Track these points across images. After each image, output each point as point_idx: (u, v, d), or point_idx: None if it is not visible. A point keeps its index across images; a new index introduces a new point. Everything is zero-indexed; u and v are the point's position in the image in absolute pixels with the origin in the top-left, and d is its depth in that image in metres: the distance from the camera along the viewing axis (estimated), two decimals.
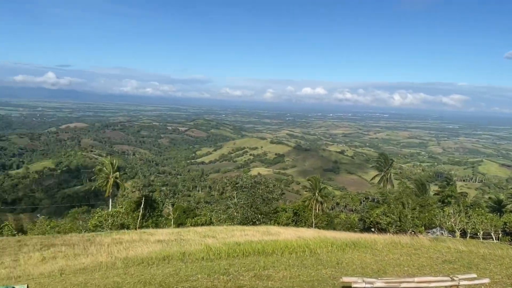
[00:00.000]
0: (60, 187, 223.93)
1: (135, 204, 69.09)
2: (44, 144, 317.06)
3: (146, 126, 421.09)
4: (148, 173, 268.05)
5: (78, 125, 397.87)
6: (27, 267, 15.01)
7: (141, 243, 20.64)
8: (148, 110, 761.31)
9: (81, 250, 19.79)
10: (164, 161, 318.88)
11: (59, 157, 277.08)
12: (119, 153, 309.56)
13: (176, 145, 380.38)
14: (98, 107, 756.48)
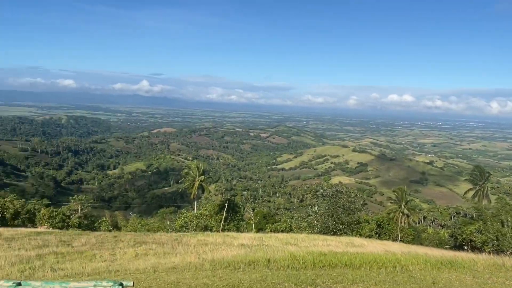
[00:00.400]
0: (150, 187, 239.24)
1: (218, 207, 71.40)
2: (137, 147, 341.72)
3: (230, 132, 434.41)
4: (231, 178, 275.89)
5: (167, 130, 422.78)
6: (123, 262, 16.07)
7: (225, 246, 21.11)
8: (232, 116, 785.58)
9: (169, 249, 20.74)
10: (245, 166, 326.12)
11: (150, 159, 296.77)
12: (204, 157, 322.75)
13: (257, 151, 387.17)
14: (186, 113, 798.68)
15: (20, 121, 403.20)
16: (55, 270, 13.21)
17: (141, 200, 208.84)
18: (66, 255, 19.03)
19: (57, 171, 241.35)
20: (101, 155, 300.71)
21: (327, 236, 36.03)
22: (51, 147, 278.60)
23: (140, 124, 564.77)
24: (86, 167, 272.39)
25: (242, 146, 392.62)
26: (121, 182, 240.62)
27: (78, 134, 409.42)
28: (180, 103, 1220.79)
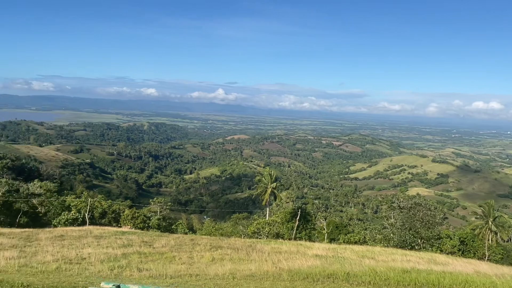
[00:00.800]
0: (224, 192, 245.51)
1: (290, 215, 71.14)
2: (212, 153, 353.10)
3: (302, 140, 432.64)
4: (302, 185, 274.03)
5: (241, 137, 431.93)
6: (200, 265, 16.55)
7: (299, 255, 20.89)
8: (304, 124, 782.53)
9: (244, 255, 20.99)
10: (317, 175, 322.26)
11: (224, 165, 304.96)
12: (276, 164, 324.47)
13: (329, 159, 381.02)
14: (259, 121, 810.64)
15: (108, 127, 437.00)
16: (141, 270, 13.97)
17: (215, 204, 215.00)
18: (148, 255, 20.04)
19: (139, 174, 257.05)
20: (179, 160, 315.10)
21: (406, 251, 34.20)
22: (134, 152, 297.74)
23: (215, 131, 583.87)
24: (165, 171, 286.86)
25: (313, 154, 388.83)
26: (196, 187, 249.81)
27: (158, 140, 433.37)
28: (253, 111, 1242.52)
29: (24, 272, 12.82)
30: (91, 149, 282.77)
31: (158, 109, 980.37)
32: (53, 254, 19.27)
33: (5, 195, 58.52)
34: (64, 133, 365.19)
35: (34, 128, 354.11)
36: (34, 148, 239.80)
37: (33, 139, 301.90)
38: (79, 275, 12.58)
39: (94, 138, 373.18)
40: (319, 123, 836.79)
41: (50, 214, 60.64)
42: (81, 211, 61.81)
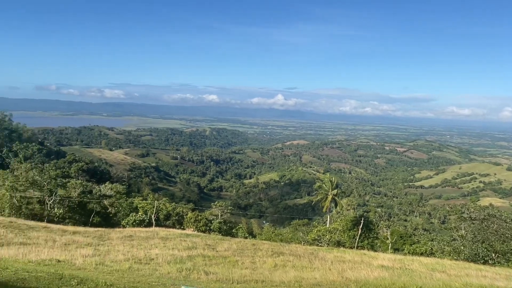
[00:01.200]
0: (283, 198, 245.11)
1: (351, 222, 69.36)
2: (272, 158, 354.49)
3: (363, 146, 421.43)
4: (363, 193, 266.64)
5: (300, 143, 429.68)
6: (263, 271, 16.58)
7: (363, 265, 20.25)
8: (366, 129, 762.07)
9: (306, 262, 20.73)
10: (380, 182, 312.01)
11: (283, 170, 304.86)
12: (336, 170, 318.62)
13: (393, 166, 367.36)
14: (318, 126, 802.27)
15: (172, 132, 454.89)
16: (207, 273, 14.29)
17: (274, 209, 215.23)
18: (212, 258, 20.45)
19: (200, 178, 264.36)
20: (239, 165, 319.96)
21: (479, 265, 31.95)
22: (196, 156, 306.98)
23: (275, 136, 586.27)
24: (225, 175, 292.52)
25: (376, 161, 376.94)
26: (256, 191, 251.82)
27: (219, 145, 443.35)
28: (312, 116, 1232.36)
29: (101, 270, 13.61)
30: (156, 153, 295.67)
31: (219, 115, 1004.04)
32: (124, 254, 20.29)
33: (80, 196, 62.82)
34: (132, 138, 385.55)
35: (105, 133, 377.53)
36: (105, 152, 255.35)
37: (104, 143, 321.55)
38: (150, 275, 13.12)
39: (159, 143, 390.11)
40: (382, 128, 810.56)
41: (120, 215, 64.10)
42: (147, 212, 64.71)
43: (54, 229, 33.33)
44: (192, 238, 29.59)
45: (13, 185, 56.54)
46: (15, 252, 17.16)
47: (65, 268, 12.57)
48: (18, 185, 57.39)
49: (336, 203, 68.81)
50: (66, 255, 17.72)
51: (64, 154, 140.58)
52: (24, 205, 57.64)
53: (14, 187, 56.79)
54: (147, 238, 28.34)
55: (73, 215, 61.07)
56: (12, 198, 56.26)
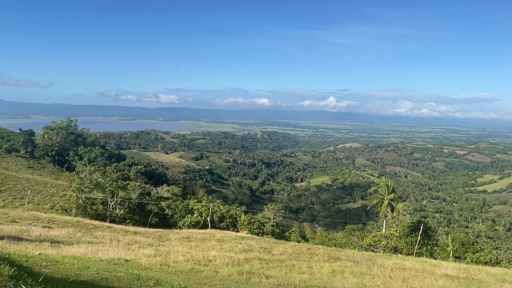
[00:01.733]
0: (335, 202, 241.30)
1: (409, 228, 66.86)
2: (323, 162, 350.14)
3: (420, 148, 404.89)
4: (420, 197, 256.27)
5: (353, 145, 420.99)
6: (322, 276, 16.41)
7: (425, 274, 19.44)
8: (423, 131, 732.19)
9: (365, 268, 20.26)
10: (438, 186, 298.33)
11: (335, 174, 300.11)
12: (391, 174, 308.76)
13: (452, 169, 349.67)
14: (372, 129, 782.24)
15: (225, 136, 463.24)
16: (268, 277, 14.38)
17: (326, 213, 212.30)
18: (268, 262, 20.54)
19: (252, 181, 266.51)
20: (290, 168, 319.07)
21: None
22: (248, 159, 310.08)
23: (326, 139, 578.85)
24: (276, 178, 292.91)
25: (434, 164, 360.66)
26: (307, 195, 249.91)
27: (271, 148, 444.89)
28: (366, 118, 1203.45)
29: (166, 271, 14.13)
30: (209, 156, 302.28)
31: (270, 118, 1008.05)
32: (183, 255, 20.91)
33: (139, 197, 65.60)
34: (186, 142, 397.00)
35: (161, 137, 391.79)
36: (161, 155, 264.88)
37: (160, 147, 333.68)
38: (213, 277, 13.41)
39: (212, 146, 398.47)
40: (440, 130, 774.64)
41: (176, 216, 66.14)
42: (202, 214, 66.25)
43: (117, 229, 35.03)
44: (247, 241, 29.90)
45: (79, 187, 60.18)
46: (84, 250, 18.26)
47: (134, 268, 13.18)
48: (83, 186, 61.01)
49: (392, 208, 66.60)
50: (130, 254, 18.58)
51: (124, 157, 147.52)
52: (89, 206, 61.10)
53: (80, 189, 60.42)
54: (204, 240, 29.01)
55: (133, 215, 63.85)
56: (78, 199, 59.87)
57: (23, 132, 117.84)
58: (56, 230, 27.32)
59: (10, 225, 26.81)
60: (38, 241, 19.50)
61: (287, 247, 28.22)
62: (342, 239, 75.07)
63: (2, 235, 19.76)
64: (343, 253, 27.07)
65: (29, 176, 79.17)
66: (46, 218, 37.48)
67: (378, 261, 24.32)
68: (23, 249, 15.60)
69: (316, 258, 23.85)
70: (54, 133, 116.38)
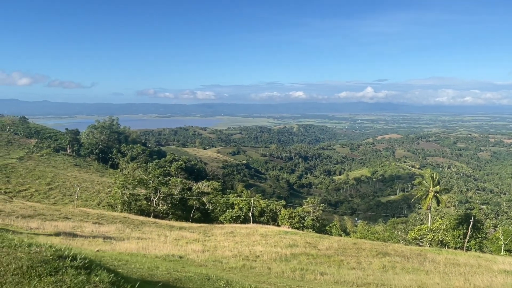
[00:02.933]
0: (375, 194, 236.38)
1: (456, 221, 64.51)
2: (362, 154, 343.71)
3: (464, 138, 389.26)
4: (465, 189, 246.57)
5: (392, 136, 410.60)
6: (375, 273, 15.99)
7: (482, 269, 18.57)
8: (466, 120, 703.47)
9: (416, 264, 19.63)
10: (484, 177, 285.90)
11: (374, 166, 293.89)
12: (433, 165, 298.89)
13: (499, 159, 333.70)
14: (412, 119, 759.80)
15: (261, 130, 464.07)
16: (322, 274, 14.16)
17: (366, 206, 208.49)
18: (316, 257, 20.31)
19: (289, 175, 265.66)
20: (328, 161, 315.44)
21: None
22: (285, 153, 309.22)
23: (365, 130, 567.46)
24: (314, 172, 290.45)
25: (479, 154, 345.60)
26: (346, 188, 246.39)
27: (307, 141, 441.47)
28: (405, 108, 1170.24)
29: (220, 267, 14.22)
30: (246, 151, 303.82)
31: (306, 111, 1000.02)
32: (230, 250, 21.05)
33: (181, 193, 66.90)
34: (223, 137, 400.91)
35: (199, 133, 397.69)
36: (199, 150, 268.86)
37: (198, 143, 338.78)
38: (268, 275, 13.34)
39: (249, 141, 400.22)
40: (485, 118, 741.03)
41: (217, 211, 67.01)
42: (242, 209, 66.75)
43: (162, 224, 35.83)
44: (291, 236, 29.77)
45: (123, 184, 62.10)
46: (135, 246, 18.73)
47: (189, 265, 13.36)
48: (127, 183, 62.91)
49: (438, 201, 64.37)
50: (180, 250, 18.89)
51: (164, 153, 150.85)
52: (133, 202, 62.98)
53: (124, 185, 62.34)
54: (248, 235, 29.13)
55: (175, 210, 65.24)
56: (123, 195, 61.81)
57: (69, 132, 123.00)
58: (106, 226, 28.26)
59: (64, 221, 27.99)
60: (92, 237, 20.20)
61: (332, 241, 27.85)
62: (385, 232, 73.45)
63: (58, 231, 20.65)
64: (391, 248, 26.38)
65: (76, 174, 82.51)
66: (95, 215, 38.89)
67: (429, 256, 23.52)
68: (79, 245, 16.17)
69: (364, 253, 23.35)
70: (98, 131, 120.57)
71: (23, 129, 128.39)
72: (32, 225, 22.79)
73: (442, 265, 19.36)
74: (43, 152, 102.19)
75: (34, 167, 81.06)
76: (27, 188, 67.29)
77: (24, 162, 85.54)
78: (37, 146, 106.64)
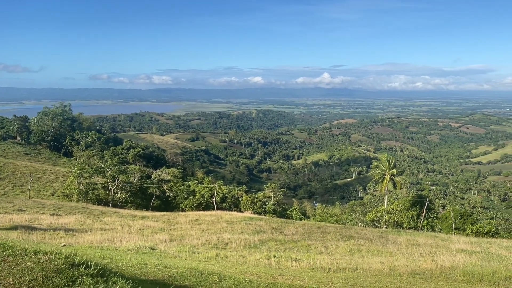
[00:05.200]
0: (332, 178, 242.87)
1: (409, 202, 67.58)
2: (319, 138, 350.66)
3: (415, 122, 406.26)
4: (416, 171, 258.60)
5: (348, 121, 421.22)
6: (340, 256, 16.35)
7: (441, 249, 19.50)
8: (417, 105, 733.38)
9: (380, 246, 20.30)
10: (433, 159, 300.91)
11: (331, 150, 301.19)
12: (387, 149, 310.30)
13: (447, 142, 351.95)
14: (367, 104, 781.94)
15: (220, 116, 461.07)
16: (298, 260, 14.25)
17: (323, 189, 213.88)
18: (284, 243, 20.51)
19: (249, 160, 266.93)
20: (286, 146, 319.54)
21: None
22: (244, 139, 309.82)
23: (322, 116, 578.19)
24: (273, 157, 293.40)
25: (429, 137, 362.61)
26: (304, 172, 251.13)
27: (266, 127, 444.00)
28: (360, 94, 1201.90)
29: (196, 258, 13.88)
30: (205, 137, 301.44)
31: (265, 97, 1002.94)
32: (198, 238, 20.82)
33: (140, 181, 65.43)
34: (181, 123, 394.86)
35: (156, 119, 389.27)
36: (157, 137, 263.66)
37: (155, 129, 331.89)
38: (245, 264, 13.16)
39: (208, 127, 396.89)
40: (434, 103, 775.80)
41: (178, 198, 66.19)
42: (204, 196, 66.34)
43: (123, 214, 34.90)
44: (256, 222, 29.91)
45: (80, 173, 59.82)
46: (100, 238, 18.09)
47: (164, 256, 13.04)
48: (84, 172, 60.65)
49: (394, 183, 67.02)
50: (147, 240, 18.44)
51: (120, 140, 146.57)
52: (90, 191, 60.90)
53: (81, 174, 60.08)
54: (213, 222, 28.98)
55: (135, 199, 63.79)
56: (79, 184, 59.58)
57: (17, 119, 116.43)
58: (65, 218, 27.13)
59: (19, 214, 26.56)
60: (52, 230, 19.26)
61: (296, 226, 28.27)
62: (343, 215, 75.74)
63: (14, 225, 19.54)
64: (353, 231, 27.15)
65: (27, 163, 78.58)
66: (52, 205, 37.24)
67: (390, 237, 24.42)
68: (40, 239, 15.38)
69: (329, 236, 23.88)
70: (49, 118, 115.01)
71: None
72: None
73: (404, 246, 20.16)
74: None
75: None
76: None
77: None
78: None
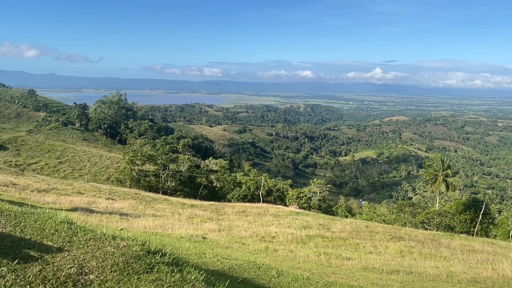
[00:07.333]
0: (380, 176, 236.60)
1: (463, 206, 64.47)
2: (368, 135, 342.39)
3: (472, 122, 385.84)
4: (471, 173, 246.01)
5: (399, 119, 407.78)
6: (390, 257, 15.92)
7: (500, 257, 18.45)
8: (475, 104, 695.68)
9: (432, 250, 19.57)
10: (490, 161, 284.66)
11: (380, 148, 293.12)
12: (439, 148, 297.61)
13: (507, 144, 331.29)
14: (420, 101, 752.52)
15: (267, 109, 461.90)
16: (348, 259, 14.07)
17: (371, 188, 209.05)
18: (331, 240, 20.29)
19: (295, 155, 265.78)
20: (334, 142, 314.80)
21: None
22: (291, 133, 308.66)
23: (372, 112, 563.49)
24: (320, 152, 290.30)
25: (486, 138, 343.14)
26: (351, 169, 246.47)
27: (314, 121, 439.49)
28: (414, 90, 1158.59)
29: (246, 250, 14.16)
30: (252, 129, 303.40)
31: (313, 91, 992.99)
32: (245, 230, 21.08)
33: (189, 170, 67.14)
34: (230, 115, 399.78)
35: (205, 110, 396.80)
36: (206, 128, 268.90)
37: (204, 120, 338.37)
38: (295, 259, 13.25)
39: (255, 119, 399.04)
40: (494, 102, 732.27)
41: (225, 189, 67.35)
42: (250, 187, 67.03)
43: (173, 201, 36.00)
44: (303, 217, 29.80)
45: (132, 160, 62.35)
46: (152, 224, 18.77)
47: (215, 246, 13.36)
48: (136, 159, 63.15)
49: (447, 185, 64.16)
50: (197, 229, 18.93)
51: (171, 130, 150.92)
52: (142, 178, 63.34)
53: (133, 161, 62.59)
54: (259, 214, 29.21)
55: (183, 187, 65.67)
56: (132, 171, 62.12)
57: (77, 106, 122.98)
58: (119, 202, 28.40)
59: (78, 196, 28.16)
60: (108, 213, 20.26)
61: (344, 224, 27.87)
62: (391, 215, 73.53)
63: (74, 206, 20.73)
64: (403, 232, 26.34)
65: (85, 148, 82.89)
66: (107, 190, 39.12)
67: (443, 241, 23.46)
68: (98, 221, 16.19)
69: (378, 236, 23.32)
70: (106, 106, 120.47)
71: (32, 102, 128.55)
72: (48, 200, 22.91)
73: (459, 252, 19.28)
74: (52, 126, 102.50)
75: (44, 140, 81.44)
76: (37, 162, 67.77)
77: (33, 135, 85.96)
78: (45, 120, 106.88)
